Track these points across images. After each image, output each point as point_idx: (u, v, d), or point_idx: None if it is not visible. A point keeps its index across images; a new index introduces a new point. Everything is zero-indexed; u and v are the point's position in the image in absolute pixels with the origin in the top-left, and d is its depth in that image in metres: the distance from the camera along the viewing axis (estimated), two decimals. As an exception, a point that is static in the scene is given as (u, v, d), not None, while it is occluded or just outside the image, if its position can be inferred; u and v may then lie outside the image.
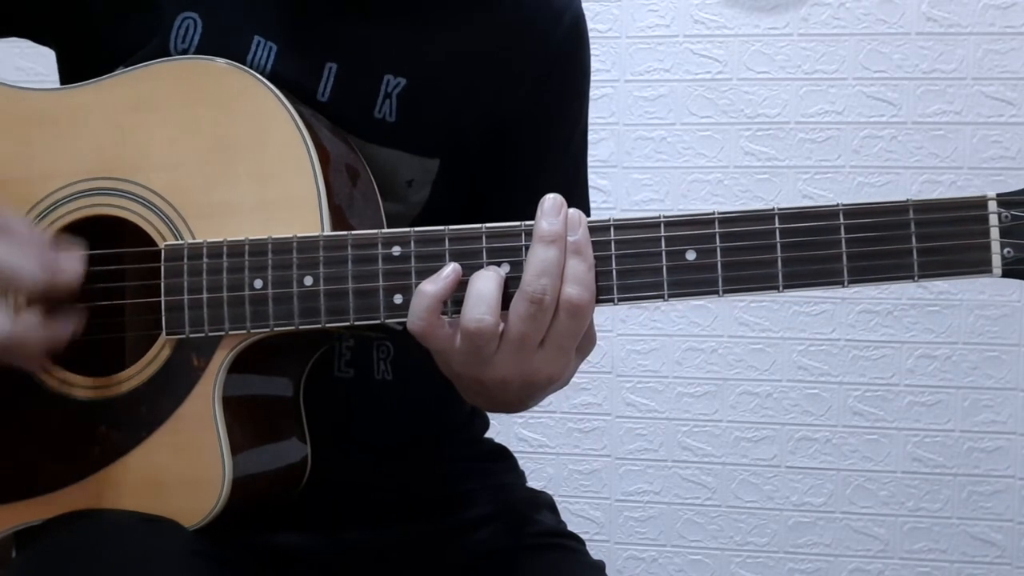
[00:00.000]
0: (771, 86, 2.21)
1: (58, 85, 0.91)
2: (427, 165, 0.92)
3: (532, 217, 0.74)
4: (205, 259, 0.78)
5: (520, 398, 0.79)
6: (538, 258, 0.72)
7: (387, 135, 0.91)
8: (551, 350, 0.73)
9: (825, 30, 2.18)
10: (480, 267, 0.74)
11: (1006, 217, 0.70)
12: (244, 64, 0.85)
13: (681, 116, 2.23)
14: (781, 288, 0.71)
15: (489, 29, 0.94)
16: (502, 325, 0.73)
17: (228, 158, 0.80)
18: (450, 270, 0.74)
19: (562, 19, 0.97)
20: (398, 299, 0.75)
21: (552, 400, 0.96)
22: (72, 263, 0.76)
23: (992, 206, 0.70)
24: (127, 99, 0.82)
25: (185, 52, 0.87)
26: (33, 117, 0.84)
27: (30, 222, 0.80)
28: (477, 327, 0.71)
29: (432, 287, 0.73)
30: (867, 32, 2.17)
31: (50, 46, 0.95)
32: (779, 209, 0.71)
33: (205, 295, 0.78)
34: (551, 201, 0.73)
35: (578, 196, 1.04)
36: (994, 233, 0.70)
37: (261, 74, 0.83)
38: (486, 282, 0.73)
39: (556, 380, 0.77)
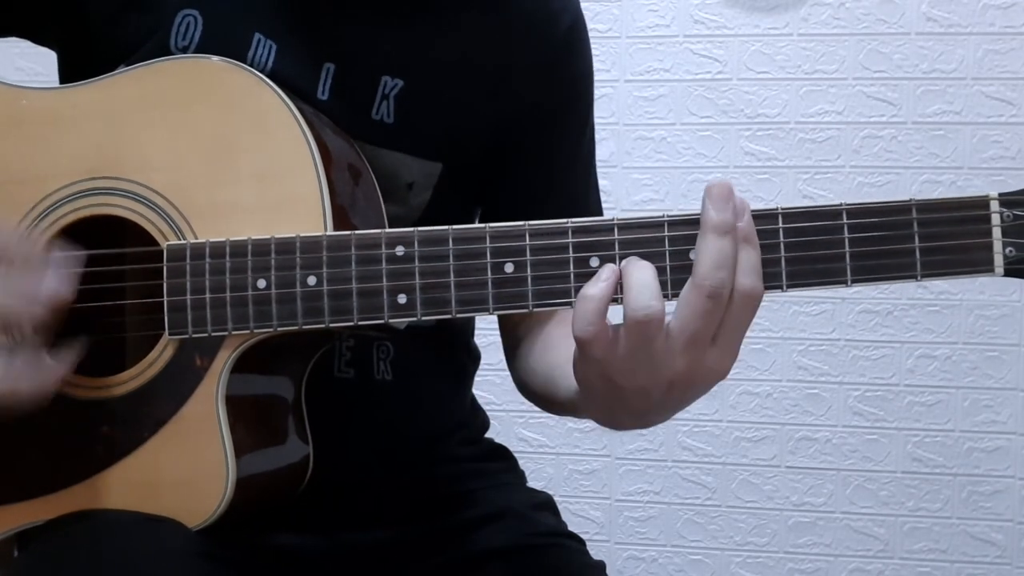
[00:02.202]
0: (771, 86, 2.21)
1: (58, 84, 0.91)
2: (428, 169, 0.92)
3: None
4: (208, 259, 0.78)
5: (676, 403, 0.73)
6: (715, 249, 0.67)
7: (385, 137, 0.90)
8: (723, 346, 0.69)
9: (825, 30, 2.18)
10: (484, 267, 0.74)
11: (1008, 216, 0.70)
12: (245, 62, 0.85)
13: (681, 116, 2.24)
14: (785, 287, 0.71)
15: (487, 31, 0.94)
16: (668, 319, 0.68)
17: (230, 157, 0.80)
18: (609, 271, 0.69)
19: (560, 20, 0.97)
20: (402, 299, 0.75)
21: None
22: (61, 284, 0.74)
23: (994, 206, 0.70)
24: (128, 98, 0.82)
25: (185, 50, 0.87)
26: (33, 116, 0.84)
27: (21, 234, 0.78)
28: (646, 314, 0.66)
29: (595, 290, 0.68)
30: (867, 32, 2.17)
31: (50, 46, 0.95)
32: (783, 209, 0.71)
33: (208, 295, 0.78)
34: (719, 188, 0.68)
35: (591, 198, 1.04)
36: (996, 232, 0.70)
37: (262, 73, 0.83)
38: (644, 271, 0.68)
39: (722, 378, 0.72)
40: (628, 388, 0.70)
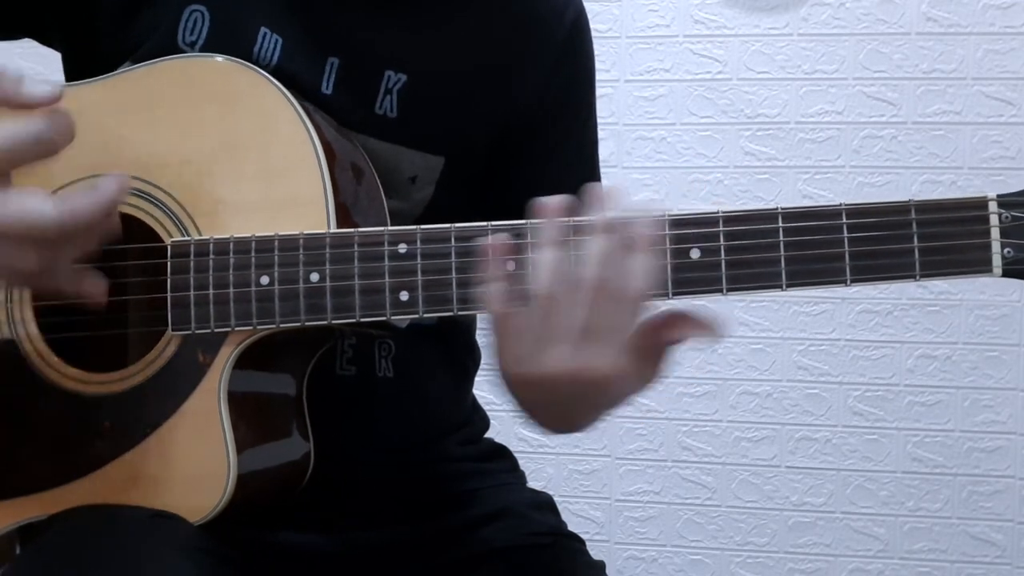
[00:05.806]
0: (771, 86, 2.21)
1: (63, 82, 0.92)
2: (431, 163, 0.93)
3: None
4: (212, 256, 0.78)
5: (572, 403, 0.77)
6: (598, 248, 0.71)
7: (388, 131, 0.91)
8: (596, 340, 0.71)
9: (825, 30, 2.19)
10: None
11: (1006, 218, 0.70)
12: (251, 56, 0.85)
13: (681, 116, 2.24)
14: (784, 287, 0.71)
15: (491, 26, 0.94)
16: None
17: (235, 156, 0.80)
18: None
19: (564, 17, 0.97)
20: (404, 296, 0.75)
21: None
22: (85, 201, 0.72)
23: (993, 207, 0.71)
24: (133, 96, 0.83)
25: (193, 44, 0.87)
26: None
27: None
28: (548, 291, 0.71)
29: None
30: (867, 32, 2.17)
31: (55, 46, 0.95)
32: (783, 208, 0.71)
33: (211, 291, 0.78)
34: (598, 192, 0.72)
35: None
36: (994, 233, 0.71)
37: (267, 67, 0.83)
38: (549, 252, 0.72)
39: (609, 378, 0.74)
40: (516, 375, 0.75)
